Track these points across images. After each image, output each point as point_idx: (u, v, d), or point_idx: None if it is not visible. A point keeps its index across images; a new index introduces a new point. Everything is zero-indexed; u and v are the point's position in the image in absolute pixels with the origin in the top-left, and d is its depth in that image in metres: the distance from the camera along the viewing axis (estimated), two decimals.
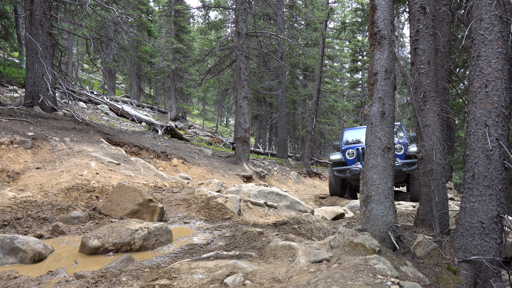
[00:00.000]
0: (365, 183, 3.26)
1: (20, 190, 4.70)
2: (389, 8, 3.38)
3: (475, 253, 3.49)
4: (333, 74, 21.73)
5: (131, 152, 8.20)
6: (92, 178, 5.10)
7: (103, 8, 9.85)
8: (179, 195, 5.38)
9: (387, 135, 3.27)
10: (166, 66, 22.31)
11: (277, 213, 4.93)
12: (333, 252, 2.89)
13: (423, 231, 3.72)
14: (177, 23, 22.59)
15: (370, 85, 3.37)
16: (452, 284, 3.14)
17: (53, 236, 3.55)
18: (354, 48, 25.67)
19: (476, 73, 3.61)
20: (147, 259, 3.00)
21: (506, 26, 3.55)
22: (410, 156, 7.97)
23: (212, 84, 18.07)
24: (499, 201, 3.50)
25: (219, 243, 3.43)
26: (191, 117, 33.90)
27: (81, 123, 8.20)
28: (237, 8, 11.71)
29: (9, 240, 2.85)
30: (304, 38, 19.08)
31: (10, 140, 5.77)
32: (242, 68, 11.56)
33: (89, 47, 9.68)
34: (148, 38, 23.55)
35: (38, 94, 8.01)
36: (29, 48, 8.00)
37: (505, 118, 3.53)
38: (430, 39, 3.88)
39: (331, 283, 2.24)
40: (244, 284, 2.41)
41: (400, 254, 3.14)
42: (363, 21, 11.36)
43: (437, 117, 3.85)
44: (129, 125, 13.30)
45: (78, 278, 2.52)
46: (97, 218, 4.09)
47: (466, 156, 3.69)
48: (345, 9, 32.16)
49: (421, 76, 3.87)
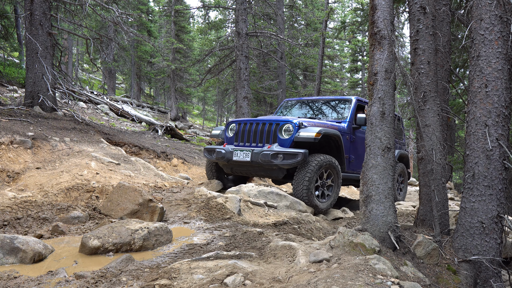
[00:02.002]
0: (365, 183, 3.27)
1: (20, 190, 4.70)
2: (389, 8, 3.38)
3: (475, 253, 3.49)
4: (333, 74, 21.74)
5: (131, 152, 8.20)
6: (92, 178, 5.10)
7: (103, 8, 9.86)
8: (179, 195, 5.39)
9: (387, 135, 3.27)
10: (166, 66, 22.32)
11: (277, 213, 4.94)
12: (333, 252, 2.89)
13: (423, 231, 3.73)
14: (177, 23, 22.60)
15: (370, 85, 3.38)
16: (452, 284, 3.14)
17: (53, 236, 3.55)
18: (354, 48, 25.68)
19: (476, 73, 3.61)
20: (147, 259, 3.00)
21: (506, 26, 3.55)
22: (300, 143, 5.43)
23: (212, 84, 18.07)
24: (499, 201, 3.50)
25: (219, 243, 3.43)
26: (191, 117, 33.91)
27: (81, 123, 8.21)
28: (237, 8, 11.71)
29: (9, 240, 2.85)
30: (304, 38, 19.08)
31: (10, 140, 5.77)
32: (242, 68, 11.56)
33: (89, 47, 9.68)
34: (148, 38, 23.56)
35: (38, 94, 8.01)
36: (29, 48, 8.00)
37: (505, 118, 3.53)
38: (430, 39, 3.88)
39: (331, 283, 2.24)
40: (244, 284, 2.41)
41: (400, 254, 3.14)
42: (363, 21, 11.37)
43: (437, 117, 3.86)
44: (129, 125, 13.31)
45: (78, 278, 2.52)
46: (97, 218, 4.10)
47: (466, 156, 3.69)
48: (345, 9, 32.18)
49: (421, 76, 3.87)
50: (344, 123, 6.20)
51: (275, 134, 5.53)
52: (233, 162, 5.68)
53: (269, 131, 5.60)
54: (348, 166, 6.22)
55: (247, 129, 5.80)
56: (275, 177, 5.69)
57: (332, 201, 5.71)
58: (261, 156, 5.32)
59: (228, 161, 5.69)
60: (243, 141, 5.81)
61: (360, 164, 6.53)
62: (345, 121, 6.26)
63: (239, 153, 5.58)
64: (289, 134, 5.43)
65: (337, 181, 5.69)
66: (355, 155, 6.38)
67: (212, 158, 5.93)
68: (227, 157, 5.67)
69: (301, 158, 5.14)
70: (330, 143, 5.92)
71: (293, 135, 5.36)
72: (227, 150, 5.70)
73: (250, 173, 5.86)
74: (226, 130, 6.13)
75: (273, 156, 5.25)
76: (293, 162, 5.17)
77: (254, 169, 5.72)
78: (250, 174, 5.91)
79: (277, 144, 5.46)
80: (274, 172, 5.58)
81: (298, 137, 5.33)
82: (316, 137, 5.24)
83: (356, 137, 6.38)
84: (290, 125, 5.44)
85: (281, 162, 5.22)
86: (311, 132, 5.29)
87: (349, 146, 6.23)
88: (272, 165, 5.34)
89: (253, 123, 5.79)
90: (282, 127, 5.49)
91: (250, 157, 5.44)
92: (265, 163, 5.32)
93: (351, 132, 6.26)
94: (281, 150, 5.25)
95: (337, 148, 5.92)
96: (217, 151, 5.82)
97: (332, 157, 5.55)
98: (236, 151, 5.62)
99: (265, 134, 5.62)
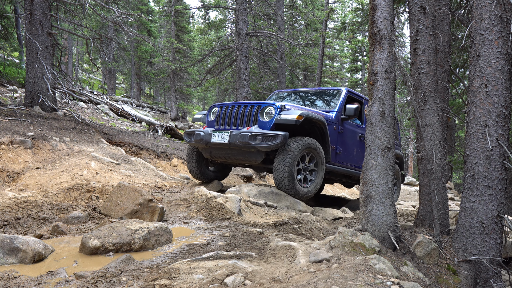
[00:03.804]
0: (365, 183, 3.27)
1: (20, 190, 4.70)
2: (389, 8, 3.39)
3: (475, 253, 3.49)
4: (333, 74, 21.74)
5: (131, 152, 8.20)
6: (92, 178, 5.10)
7: (103, 8, 9.85)
8: (179, 195, 5.39)
9: (387, 135, 3.27)
10: (166, 66, 22.32)
11: (277, 213, 4.94)
12: (333, 252, 2.89)
13: (423, 231, 3.73)
14: (177, 23, 22.60)
15: (370, 85, 3.38)
16: (452, 284, 3.14)
17: (53, 236, 3.55)
18: (354, 48, 25.68)
19: (476, 73, 3.61)
20: (147, 259, 3.00)
21: (506, 26, 3.55)
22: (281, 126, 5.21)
23: (212, 84, 18.08)
24: (499, 201, 3.50)
25: (219, 243, 3.43)
26: (191, 117, 33.90)
27: (81, 123, 8.21)
28: (237, 8, 11.71)
29: (9, 240, 2.85)
30: (304, 38, 19.08)
31: (10, 140, 5.77)
32: (242, 68, 11.56)
33: (89, 47, 9.68)
34: (148, 38, 23.56)
35: (38, 94, 8.01)
36: (29, 48, 8.00)
37: (505, 118, 3.53)
38: (430, 39, 3.88)
39: (331, 283, 2.24)
40: (244, 284, 2.41)
41: (400, 254, 3.14)
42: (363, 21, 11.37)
43: (437, 117, 3.86)
44: (129, 125, 13.31)
45: (78, 278, 2.52)
46: (97, 218, 4.10)
47: (466, 156, 3.69)
48: (345, 9, 32.17)
49: (421, 76, 3.87)
50: (332, 113, 6.01)
51: (256, 117, 5.30)
52: (211, 145, 5.43)
53: (250, 113, 5.36)
54: (335, 158, 5.97)
55: (228, 112, 5.55)
56: (254, 161, 5.38)
57: (315, 186, 5.44)
58: (239, 137, 5.09)
59: (207, 144, 5.46)
60: (224, 124, 5.56)
61: (348, 157, 6.30)
62: (333, 111, 6.07)
63: (217, 135, 5.35)
64: (270, 117, 5.19)
65: (320, 166, 5.43)
66: (343, 147, 6.13)
67: (191, 141, 5.68)
68: (205, 139, 5.44)
69: (281, 140, 4.89)
70: (314, 130, 5.68)
71: (274, 118, 5.13)
72: (206, 133, 5.47)
73: (229, 157, 5.55)
74: (208, 113, 5.87)
75: (251, 137, 5.01)
76: (272, 144, 4.91)
77: (232, 153, 5.44)
78: (229, 158, 5.60)
79: (256, 126, 5.23)
80: (252, 155, 5.28)
81: (279, 119, 5.07)
82: (298, 119, 4.98)
83: (345, 129, 6.15)
84: (272, 107, 5.23)
85: (260, 144, 4.95)
86: (292, 114, 5.03)
87: (337, 136, 5.98)
88: (250, 147, 5.08)
89: (235, 106, 5.55)
90: (264, 110, 5.28)
91: (228, 138, 5.20)
92: (242, 144, 5.06)
93: (339, 123, 6.04)
94: (259, 132, 5.03)
95: (322, 135, 5.67)
96: (196, 134, 5.60)
97: (315, 140, 5.30)
98: (215, 133, 5.39)
99: (246, 117, 5.37)
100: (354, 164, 6.50)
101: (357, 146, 6.50)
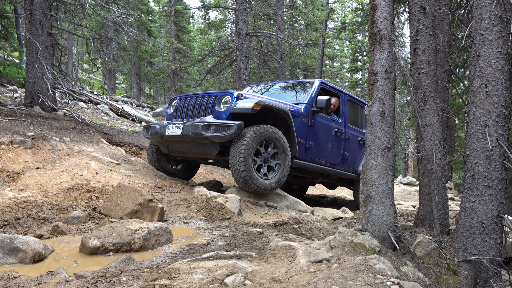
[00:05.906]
0: (365, 183, 3.27)
1: (20, 190, 4.70)
2: (389, 8, 3.39)
3: (475, 253, 3.49)
4: (333, 74, 21.74)
5: (131, 152, 8.20)
6: (92, 178, 5.10)
7: (103, 8, 9.85)
8: (179, 195, 5.38)
9: (387, 135, 3.27)
10: (166, 66, 22.34)
11: (277, 213, 4.94)
12: (333, 252, 2.89)
13: (423, 231, 3.73)
14: (177, 23, 22.62)
15: (370, 85, 3.38)
16: (452, 284, 3.14)
17: (53, 236, 3.55)
18: (354, 48, 25.69)
19: (476, 73, 3.61)
20: (147, 259, 3.00)
21: (506, 26, 3.55)
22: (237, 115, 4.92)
23: (212, 84, 18.07)
24: (499, 201, 3.50)
25: (219, 243, 3.43)
26: None
27: (81, 123, 8.21)
28: (237, 8, 11.71)
29: (9, 240, 2.85)
30: (304, 38, 19.08)
31: (10, 140, 5.77)
32: (242, 68, 11.56)
33: (89, 47, 9.68)
34: (148, 38, 23.56)
35: (38, 94, 8.01)
36: (29, 48, 8.00)
37: (505, 118, 3.53)
38: (430, 39, 3.88)
39: (331, 283, 2.24)
40: (244, 284, 2.41)
41: (400, 254, 3.14)
42: (363, 21, 11.37)
43: (437, 117, 3.86)
44: (129, 125, 13.30)
45: (78, 278, 2.52)
46: (97, 218, 4.10)
47: (466, 156, 3.69)
48: (345, 9, 32.16)
49: (421, 76, 3.87)
50: (301, 105, 5.69)
51: (213, 107, 5.06)
52: (166, 138, 5.21)
53: (207, 103, 5.13)
54: (305, 153, 5.62)
55: (186, 103, 5.34)
56: (209, 154, 5.06)
57: (280, 179, 5.06)
58: (191, 128, 4.84)
59: (162, 137, 5.24)
60: (182, 116, 5.33)
61: (321, 153, 5.92)
62: (302, 102, 5.75)
63: (171, 127, 5.11)
64: (227, 107, 4.93)
65: (283, 157, 5.09)
66: (314, 141, 5.78)
67: (148, 135, 5.46)
68: (160, 132, 5.21)
69: (235, 130, 4.62)
70: (278, 121, 5.34)
71: (230, 107, 4.88)
72: (161, 125, 5.24)
73: (185, 150, 5.27)
74: (168, 106, 5.63)
75: (204, 127, 4.74)
76: (226, 134, 4.65)
77: (188, 146, 5.17)
78: (185, 152, 5.32)
79: (211, 116, 4.97)
80: (207, 147, 4.99)
81: (234, 108, 4.79)
82: (254, 107, 4.70)
83: (317, 122, 5.80)
84: (229, 96, 4.97)
85: (212, 134, 4.69)
86: (249, 103, 4.76)
87: (306, 130, 5.63)
88: (203, 139, 4.82)
89: (193, 96, 5.33)
90: (220, 99, 5.03)
91: (181, 130, 4.95)
92: (195, 136, 4.82)
93: (310, 116, 5.69)
94: (212, 121, 4.76)
95: (286, 127, 5.32)
96: (151, 127, 5.36)
97: (276, 129, 4.99)
98: (169, 125, 5.14)
99: (202, 107, 5.14)
100: (329, 161, 6.11)
101: (332, 142, 6.12)
